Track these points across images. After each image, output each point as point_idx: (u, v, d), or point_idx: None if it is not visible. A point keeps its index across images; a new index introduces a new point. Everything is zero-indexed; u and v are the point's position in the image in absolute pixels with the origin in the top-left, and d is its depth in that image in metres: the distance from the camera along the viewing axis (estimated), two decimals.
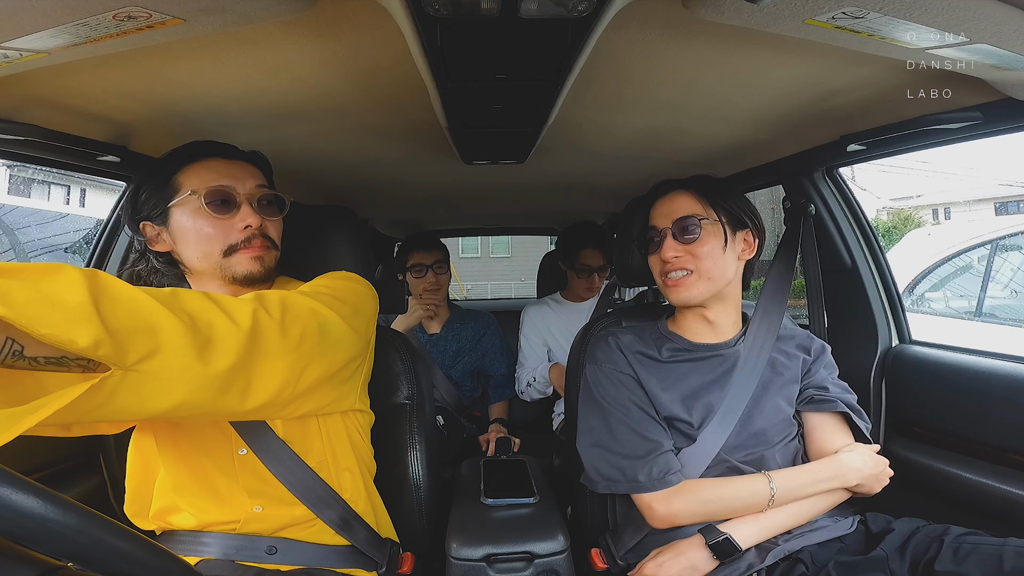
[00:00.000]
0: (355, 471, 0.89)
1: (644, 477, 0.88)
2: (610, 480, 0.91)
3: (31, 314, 0.45)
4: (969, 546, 0.76)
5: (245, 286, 0.83)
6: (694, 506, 0.87)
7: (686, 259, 0.94)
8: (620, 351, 0.99)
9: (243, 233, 0.82)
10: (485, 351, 1.96)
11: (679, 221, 0.94)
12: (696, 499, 0.87)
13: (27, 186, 10.50)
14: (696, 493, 0.87)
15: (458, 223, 2.76)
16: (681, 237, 0.94)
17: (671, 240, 0.95)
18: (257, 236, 0.83)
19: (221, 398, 0.61)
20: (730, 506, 0.87)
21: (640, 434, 0.91)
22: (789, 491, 0.86)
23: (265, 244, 0.84)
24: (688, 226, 0.94)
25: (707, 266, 0.93)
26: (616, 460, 0.91)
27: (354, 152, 1.32)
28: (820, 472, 0.89)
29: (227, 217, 0.82)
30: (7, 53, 0.63)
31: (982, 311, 3.21)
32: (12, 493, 0.38)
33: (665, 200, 0.99)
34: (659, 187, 1.02)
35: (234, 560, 0.81)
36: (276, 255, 0.87)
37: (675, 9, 0.63)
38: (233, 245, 0.81)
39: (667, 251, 0.94)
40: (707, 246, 0.93)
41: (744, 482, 0.87)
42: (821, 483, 0.88)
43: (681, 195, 0.97)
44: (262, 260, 0.83)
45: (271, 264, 0.85)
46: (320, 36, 0.73)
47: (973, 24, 0.60)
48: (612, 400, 0.95)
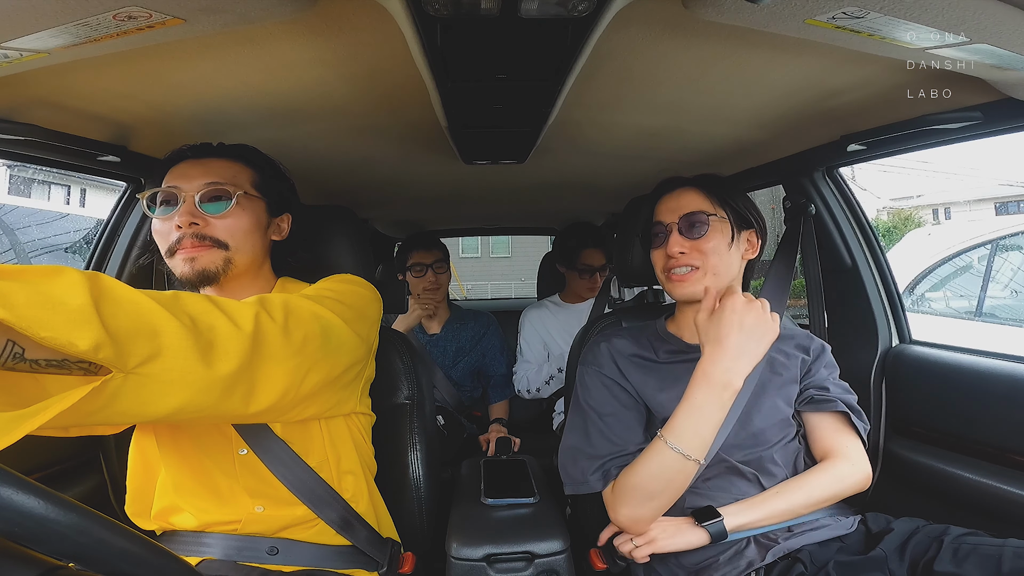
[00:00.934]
0: (358, 473, 0.89)
1: (594, 478, 0.90)
2: (575, 481, 0.93)
3: (32, 316, 0.44)
4: (968, 547, 0.76)
5: (194, 290, 0.80)
6: (630, 496, 0.85)
7: (692, 255, 0.93)
8: (609, 355, 1.00)
9: (177, 232, 0.80)
10: (485, 351, 1.96)
11: (687, 216, 0.94)
12: (625, 490, 0.86)
13: (27, 186, 10.50)
14: (622, 484, 0.87)
15: (458, 223, 2.76)
16: (688, 232, 0.93)
17: (677, 235, 0.94)
18: (187, 236, 0.79)
19: (224, 401, 0.61)
20: (655, 479, 0.83)
21: (608, 437, 0.92)
22: (692, 437, 0.82)
23: (199, 244, 0.79)
24: (696, 222, 0.93)
25: (713, 262, 0.92)
26: (583, 461, 0.92)
27: (354, 152, 1.32)
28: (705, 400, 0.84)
29: (167, 218, 0.81)
30: (7, 53, 0.63)
31: (982, 311, 3.21)
32: (13, 493, 0.38)
33: (672, 196, 0.98)
34: (666, 183, 1.01)
35: (236, 561, 0.81)
36: (224, 255, 0.81)
37: (675, 9, 0.63)
38: (171, 247, 0.80)
39: (673, 246, 0.93)
40: (713, 242, 0.93)
41: (650, 454, 0.85)
42: (711, 411, 0.82)
43: (688, 192, 0.97)
44: (194, 262, 0.79)
45: (209, 266, 0.80)
46: (320, 36, 0.73)
47: (973, 24, 0.60)
48: (592, 402, 0.96)
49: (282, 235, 0.92)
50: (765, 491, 0.90)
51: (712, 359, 0.82)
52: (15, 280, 0.46)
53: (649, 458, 0.84)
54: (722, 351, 0.82)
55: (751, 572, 0.84)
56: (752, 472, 0.90)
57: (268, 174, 0.90)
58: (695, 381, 0.83)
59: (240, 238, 0.83)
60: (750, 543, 0.87)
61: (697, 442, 0.82)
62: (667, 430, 0.83)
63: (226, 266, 0.81)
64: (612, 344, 1.01)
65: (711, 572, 0.86)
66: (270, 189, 0.89)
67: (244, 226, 0.84)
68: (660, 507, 0.85)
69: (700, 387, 0.82)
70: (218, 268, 0.81)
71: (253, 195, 0.86)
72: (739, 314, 0.83)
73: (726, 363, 0.81)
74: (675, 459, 0.82)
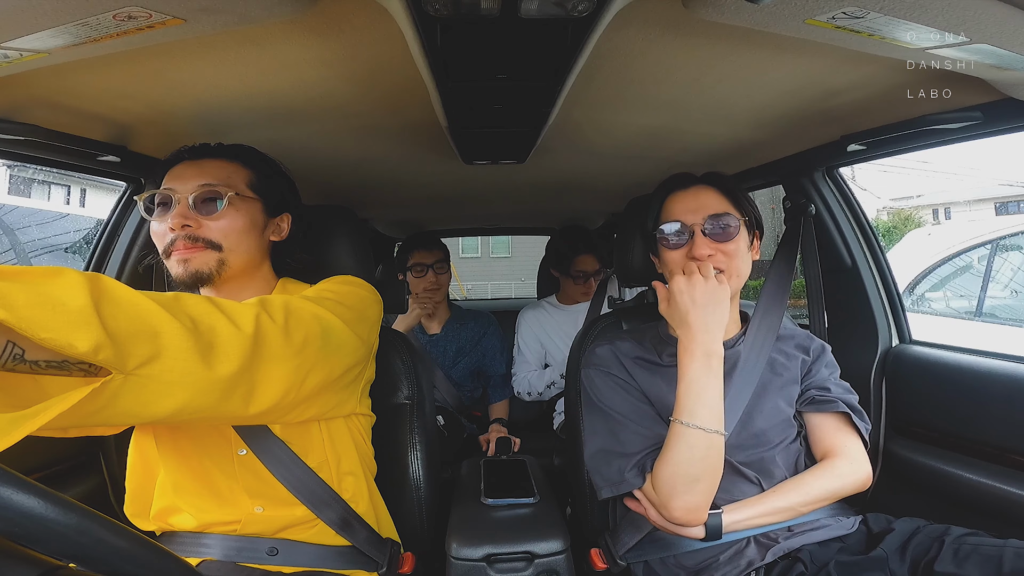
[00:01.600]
0: (358, 473, 0.89)
1: (631, 474, 0.88)
2: (612, 483, 0.90)
3: (31, 317, 0.44)
4: (969, 547, 0.76)
5: (189, 290, 0.80)
6: (674, 486, 0.83)
7: (719, 258, 0.91)
8: (615, 357, 0.99)
9: (171, 234, 0.80)
10: (485, 351, 1.96)
11: (715, 218, 0.91)
12: (666, 482, 0.83)
13: (27, 186, 10.50)
14: (660, 478, 0.84)
15: (458, 223, 2.76)
16: (715, 235, 0.91)
17: (702, 237, 0.91)
18: (180, 238, 0.80)
19: (224, 403, 0.61)
20: (689, 462, 0.83)
21: (638, 432, 0.91)
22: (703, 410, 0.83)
23: (192, 246, 0.80)
24: (725, 224, 0.91)
25: (737, 264, 0.92)
26: (617, 461, 0.90)
27: (354, 152, 1.32)
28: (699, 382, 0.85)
29: (163, 220, 0.81)
30: (7, 53, 0.63)
31: (982, 311, 3.21)
32: (13, 493, 0.38)
33: (688, 194, 0.96)
34: (676, 179, 0.99)
35: (235, 562, 0.81)
36: (217, 256, 0.81)
37: (675, 9, 0.63)
38: (166, 248, 0.81)
39: (701, 247, 0.91)
40: (738, 244, 0.92)
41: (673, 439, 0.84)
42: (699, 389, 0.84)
43: (707, 191, 0.95)
44: (187, 263, 0.79)
45: (202, 268, 0.80)
46: (320, 36, 0.73)
47: (973, 24, 0.60)
48: (608, 403, 0.95)
49: (281, 235, 0.91)
50: (764, 491, 0.90)
51: (688, 337, 0.86)
52: (15, 281, 0.46)
53: (674, 444, 0.84)
54: (690, 328, 0.86)
55: (751, 572, 0.84)
56: (755, 475, 0.90)
57: (265, 174, 0.89)
58: (682, 361, 0.86)
59: (234, 239, 0.83)
60: (750, 543, 0.87)
61: (709, 413, 0.83)
62: (678, 412, 0.84)
63: (220, 267, 0.81)
64: (616, 347, 1.01)
65: (711, 572, 0.86)
66: (267, 189, 0.89)
67: (238, 227, 0.83)
68: (707, 489, 0.83)
69: (689, 363, 0.85)
70: (211, 269, 0.81)
71: (248, 196, 0.86)
72: (687, 293, 0.87)
73: (699, 336, 0.85)
74: (699, 436, 0.82)
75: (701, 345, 0.85)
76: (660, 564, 0.92)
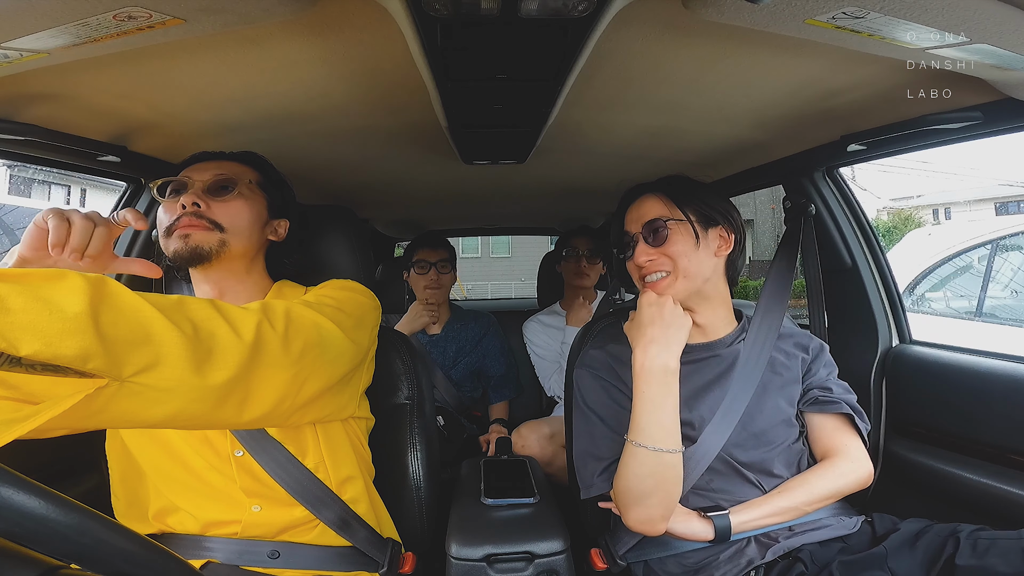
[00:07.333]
0: (357, 476, 0.89)
1: (600, 479, 0.90)
2: (586, 486, 0.93)
3: (25, 323, 0.44)
4: (986, 541, 0.76)
5: (181, 268, 0.85)
6: (627, 500, 0.85)
7: (661, 260, 0.93)
8: (607, 361, 1.00)
9: (179, 212, 0.82)
10: (485, 352, 1.96)
11: (648, 224, 0.94)
12: (620, 496, 0.86)
13: (27, 186, 10.51)
14: (616, 491, 0.87)
15: (458, 223, 2.76)
16: (651, 240, 0.94)
17: (643, 244, 0.95)
18: (187, 215, 0.82)
19: (217, 410, 0.60)
20: (641, 479, 0.84)
21: (611, 439, 0.92)
22: (656, 430, 0.84)
23: (196, 223, 0.82)
24: (656, 228, 0.93)
25: (683, 264, 0.92)
26: (591, 463, 0.93)
27: (354, 152, 1.32)
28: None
29: (174, 201, 0.84)
30: (7, 53, 0.63)
31: (982, 311, 3.21)
32: (13, 493, 0.38)
33: (635, 205, 0.99)
34: (628, 193, 1.02)
35: (237, 566, 0.81)
36: (219, 237, 0.83)
37: (675, 9, 0.63)
38: (170, 226, 0.83)
39: (640, 255, 0.94)
40: (677, 245, 0.93)
41: (625, 457, 0.86)
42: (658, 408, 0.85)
43: (649, 199, 0.97)
44: (188, 238, 0.81)
45: (203, 244, 0.82)
46: (320, 36, 0.73)
47: (973, 24, 0.60)
48: (592, 405, 0.97)
49: (279, 237, 0.93)
50: (765, 491, 0.90)
51: (644, 354, 0.87)
52: (16, 283, 0.45)
53: (626, 463, 0.85)
54: (647, 343, 0.88)
55: (751, 570, 0.84)
56: (756, 477, 0.91)
57: (272, 179, 0.94)
58: (637, 378, 0.87)
59: (238, 224, 0.85)
60: (750, 542, 0.87)
61: (662, 433, 0.84)
62: (631, 432, 0.86)
63: (220, 248, 0.83)
64: (608, 350, 1.01)
65: (711, 570, 0.87)
66: (273, 192, 0.93)
67: (244, 214, 0.87)
68: (661, 503, 0.85)
69: (644, 381, 0.86)
70: (211, 247, 0.82)
71: (257, 191, 0.90)
72: (656, 306, 0.90)
73: (654, 351, 0.87)
74: (649, 456, 0.83)
75: (656, 359, 0.86)
76: (660, 564, 0.92)
